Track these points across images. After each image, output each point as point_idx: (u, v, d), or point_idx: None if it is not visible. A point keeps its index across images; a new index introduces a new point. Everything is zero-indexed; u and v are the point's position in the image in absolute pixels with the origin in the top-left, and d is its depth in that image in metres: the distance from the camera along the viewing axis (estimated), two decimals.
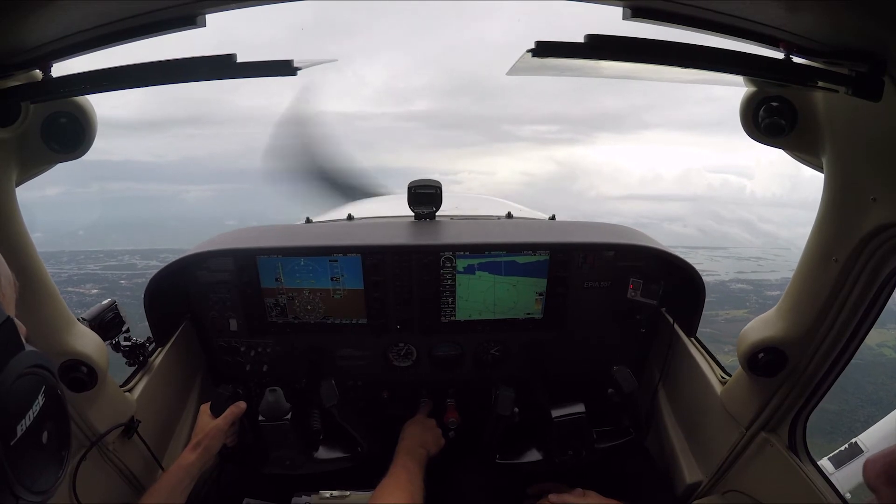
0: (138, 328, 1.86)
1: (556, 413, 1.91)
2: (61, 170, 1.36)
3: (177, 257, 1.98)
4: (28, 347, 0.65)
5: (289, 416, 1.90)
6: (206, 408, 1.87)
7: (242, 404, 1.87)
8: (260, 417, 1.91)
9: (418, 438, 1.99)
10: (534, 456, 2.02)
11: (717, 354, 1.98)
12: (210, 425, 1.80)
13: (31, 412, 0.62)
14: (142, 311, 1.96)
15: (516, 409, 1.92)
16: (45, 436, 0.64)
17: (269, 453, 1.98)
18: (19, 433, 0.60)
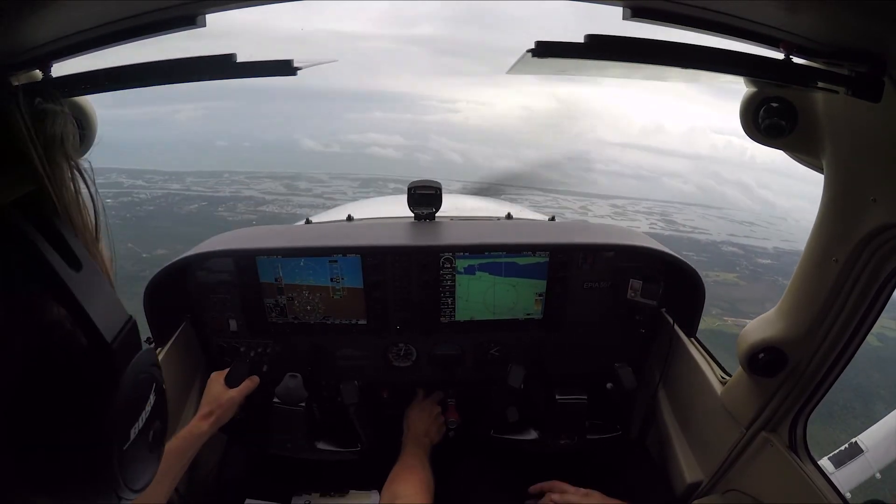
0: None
1: (559, 395, 2.04)
2: None
3: (176, 258, 1.98)
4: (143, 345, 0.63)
5: (304, 404, 2.00)
6: (218, 377, 1.92)
7: (257, 379, 1.96)
8: (275, 399, 1.99)
9: (423, 428, 2.07)
10: (529, 435, 2.13)
11: (705, 316, 2.06)
12: (225, 396, 1.85)
13: (143, 413, 0.60)
14: (134, 300, 1.97)
15: (522, 386, 2.05)
16: (151, 434, 0.62)
17: (274, 434, 2.04)
18: (132, 437, 0.57)
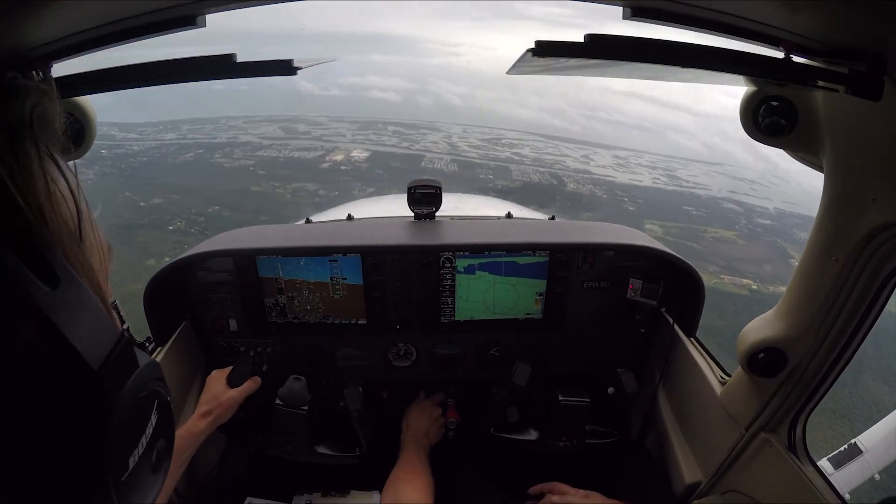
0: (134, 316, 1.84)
1: (563, 396, 2.04)
2: None
3: (177, 257, 1.98)
4: (140, 358, 0.53)
5: (306, 407, 1.99)
6: (219, 375, 1.91)
7: (259, 379, 1.94)
8: (277, 401, 1.99)
9: (423, 428, 2.07)
10: (529, 435, 2.13)
11: (702, 273, 2.05)
12: (225, 395, 1.83)
13: (144, 437, 0.51)
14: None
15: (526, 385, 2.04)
16: (154, 455, 0.54)
17: (274, 436, 2.04)
18: (132, 465, 0.50)
